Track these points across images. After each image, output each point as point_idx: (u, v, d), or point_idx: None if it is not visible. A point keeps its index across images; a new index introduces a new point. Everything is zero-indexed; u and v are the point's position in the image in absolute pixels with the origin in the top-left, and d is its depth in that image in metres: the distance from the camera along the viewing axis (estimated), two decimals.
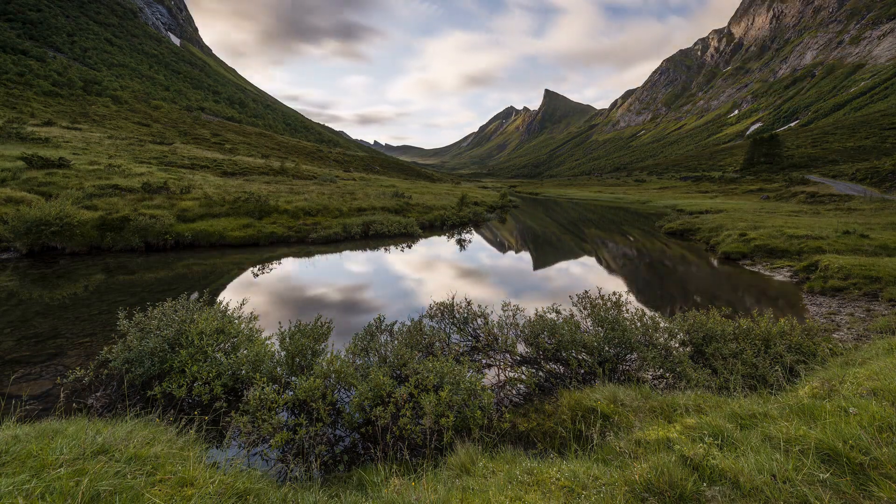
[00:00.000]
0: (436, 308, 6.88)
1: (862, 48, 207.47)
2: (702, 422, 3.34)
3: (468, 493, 2.68)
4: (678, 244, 20.19)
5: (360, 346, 5.56)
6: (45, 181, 18.99)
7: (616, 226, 30.58)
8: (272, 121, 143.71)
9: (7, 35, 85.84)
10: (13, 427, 3.12)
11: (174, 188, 20.79)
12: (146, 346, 5.02)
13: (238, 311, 6.29)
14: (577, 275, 14.43)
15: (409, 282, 12.33)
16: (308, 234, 18.12)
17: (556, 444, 3.86)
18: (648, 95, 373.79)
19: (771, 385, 4.63)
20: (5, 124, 36.97)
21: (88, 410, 4.67)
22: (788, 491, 2.34)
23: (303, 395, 4.19)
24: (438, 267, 14.59)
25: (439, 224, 25.60)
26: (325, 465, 3.89)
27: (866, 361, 4.49)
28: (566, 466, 2.90)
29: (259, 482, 2.89)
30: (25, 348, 6.52)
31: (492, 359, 6.02)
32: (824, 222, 20.03)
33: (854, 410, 3.07)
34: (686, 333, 5.89)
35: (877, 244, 14.00)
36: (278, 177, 37.88)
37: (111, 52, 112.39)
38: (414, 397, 4.19)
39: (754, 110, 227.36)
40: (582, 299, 6.46)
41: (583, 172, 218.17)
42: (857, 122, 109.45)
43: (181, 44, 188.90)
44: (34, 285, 10.18)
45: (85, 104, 72.96)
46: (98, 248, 14.12)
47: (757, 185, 57.28)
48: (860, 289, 9.99)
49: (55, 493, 2.22)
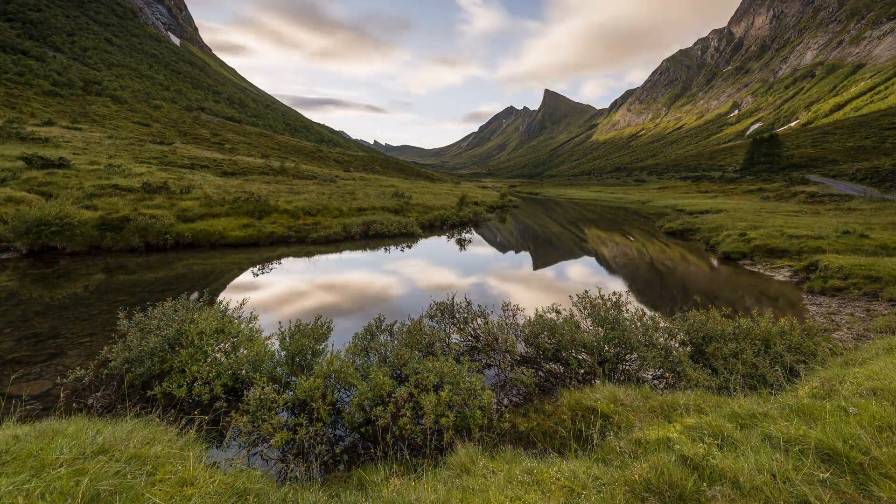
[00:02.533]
0: (436, 308, 6.87)
1: (862, 48, 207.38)
2: (702, 422, 3.35)
3: (468, 492, 2.68)
4: (678, 244, 20.20)
5: (360, 346, 5.56)
6: (45, 181, 18.99)
7: (616, 226, 30.58)
8: (272, 121, 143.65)
9: (7, 35, 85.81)
10: (13, 427, 3.12)
11: (174, 188, 20.79)
12: (146, 345, 5.01)
13: (238, 311, 6.29)
14: (577, 275, 14.43)
15: (409, 282, 12.33)
16: (308, 234, 18.12)
17: (556, 443, 3.86)
18: (648, 95, 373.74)
19: (771, 385, 4.63)
20: (5, 124, 36.97)
21: (88, 410, 4.67)
22: (788, 491, 2.34)
23: (303, 395, 4.19)
24: (438, 267, 14.59)
25: (439, 224, 25.60)
26: (325, 464, 3.89)
27: (866, 361, 4.49)
28: (566, 466, 2.90)
29: (259, 482, 2.89)
30: (25, 348, 6.52)
31: (492, 359, 6.02)
32: (824, 222, 20.04)
33: (854, 410, 3.07)
34: (686, 333, 5.89)
35: (877, 244, 14.00)
36: (278, 177, 37.88)
37: (111, 52, 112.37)
38: (414, 397, 4.19)
39: (754, 110, 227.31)
40: (582, 299, 6.46)
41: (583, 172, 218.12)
42: (857, 122, 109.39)
43: (181, 43, 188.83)
44: (34, 285, 10.18)
45: (85, 104, 72.95)
46: (98, 248, 14.12)
47: (757, 185, 57.29)
48: (860, 289, 10.00)
49: (55, 492, 2.21)
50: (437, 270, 13.97)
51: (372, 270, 13.73)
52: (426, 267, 14.53)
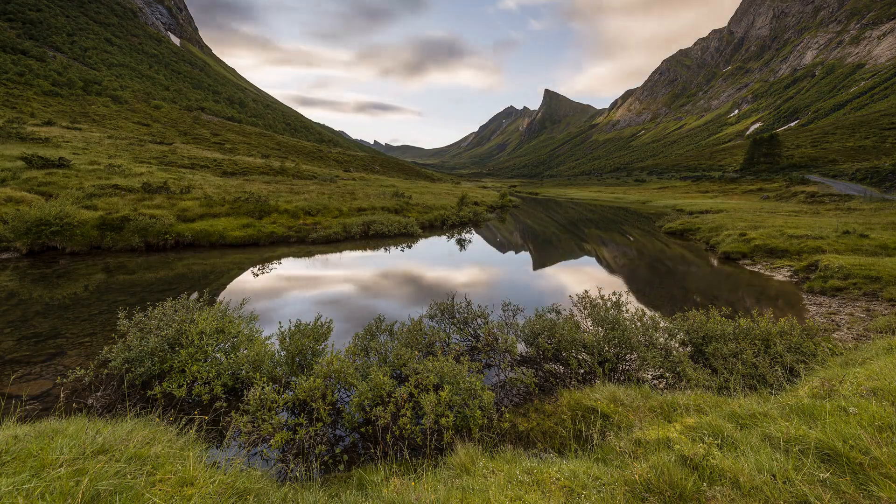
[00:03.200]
0: (436, 308, 6.88)
1: (862, 48, 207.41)
2: (702, 421, 3.35)
3: (468, 492, 2.68)
4: (678, 244, 20.19)
5: (360, 346, 5.56)
6: (45, 181, 18.99)
7: (616, 226, 30.58)
8: (272, 121, 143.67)
9: (7, 35, 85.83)
10: (13, 427, 3.12)
11: (174, 188, 20.79)
12: (146, 345, 5.01)
13: (238, 310, 6.29)
14: (577, 274, 14.43)
15: (409, 281, 12.32)
16: (308, 234, 18.12)
17: (556, 443, 3.86)
18: (648, 95, 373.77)
19: (771, 385, 4.63)
20: (5, 124, 36.97)
21: (88, 410, 4.67)
22: (788, 491, 2.34)
23: (303, 395, 4.19)
24: (438, 267, 14.59)
25: (439, 224, 25.60)
26: (325, 464, 3.89)
27: (866, 361, 4.49)
28: (566, 466, 2.90)
29: (259, 482, 2.89)
30: (25, 348, 6.52)
31: (492, 359, 6.03)
32: (824, 222, 20.04)
33: (854, 410, 3.07)
34: (686, 333, 5.89)
35: (876, 244, 14.00)
36: (278, 177, 37.88)
37: (111, 52, 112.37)
38: (414, 397, 4.19)
39: (754, 110, 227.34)
40: (582, 299, 6.46)
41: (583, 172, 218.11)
42: (857, 122, 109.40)
43: (181, 44, 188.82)
44: (34, 285, 10.18)
45: (85, 104, 72.95)
46: (98, 248, 14.12)
47: (757, 185, 57.29)
48: (860, 289, 10.00)
49: (55, 492, 2.21)
50: (437, 270, 13.97)
51: (372, 270, 13.73)
52: (426, 267, 14.53)
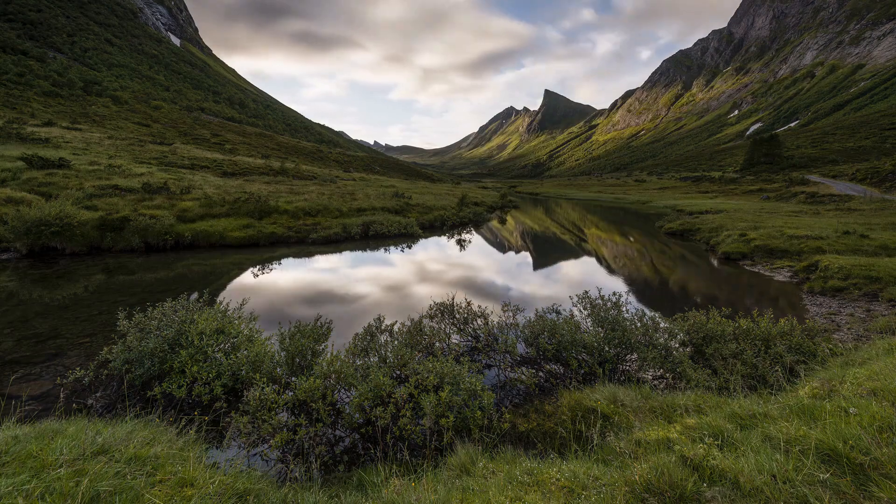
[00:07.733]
0: (436, 308, 6.87)
1: (862, 48, 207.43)
2: (702, 422, 3.34)
3: (468, 493, 2.68)
4: (678, 244, 20.19)
5: (360, 347, 5.55)
6: (45, 181, 19.00)
7: (616, 226, 30.58)
8: (272, 121, 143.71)
9: (7, 35, 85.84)
10: (13, 427, 3.12)
11: (174, 188, 20.80)
12: (146, 346, 5.01)
13: (238, 311, 6.28)
14: (577, 275, 14.43)
15: (409, 282, 12.32)
16: (308, 235, 18.12)
17: (556, 444, 3.86)
18: (648, 95, 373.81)
19: (771, 385, 4.63)
20: (5, 124, 36.99)
21: (88, 411, 4.67)
22: (788, 491, 2.34)
23: (303, 395, 4.19)
24: (438, 267, 14.59)
25: (439, 224, 25.59)
26: (325, 465, 3.88)
27: (866, 362, 4.49)
28: (566, 467, 2.90)
29: (259, 482, 2.89)
30: (25, 348, 6.52)
31: (492, 359, 6.02)
32: (824, 222, 20.02)
33: (854, 411, 3.06)
34: (686, 334, 5.89)
35: (877, 244, 13.98)
36: (278, 177, 37.89)
37: (111, 53, 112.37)
38: (414, 398, 4.19)
39: (754, 110, 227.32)
40: (582, 299, 6.46)
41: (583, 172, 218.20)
42: (857, 122, 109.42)
43: (181, 44, 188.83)
44: (34, 285, 10.18)
45: (85, 104, 72.99)
46: (98, 249, 14.12)
47: (757, 185, 57.24)
48: (860, 289, 9.98)
49: (55, 493, 2.21)
50: (437, 270, 13.97)
51: (372, 270, 13.73)
52: (426, 267, 14.53)
